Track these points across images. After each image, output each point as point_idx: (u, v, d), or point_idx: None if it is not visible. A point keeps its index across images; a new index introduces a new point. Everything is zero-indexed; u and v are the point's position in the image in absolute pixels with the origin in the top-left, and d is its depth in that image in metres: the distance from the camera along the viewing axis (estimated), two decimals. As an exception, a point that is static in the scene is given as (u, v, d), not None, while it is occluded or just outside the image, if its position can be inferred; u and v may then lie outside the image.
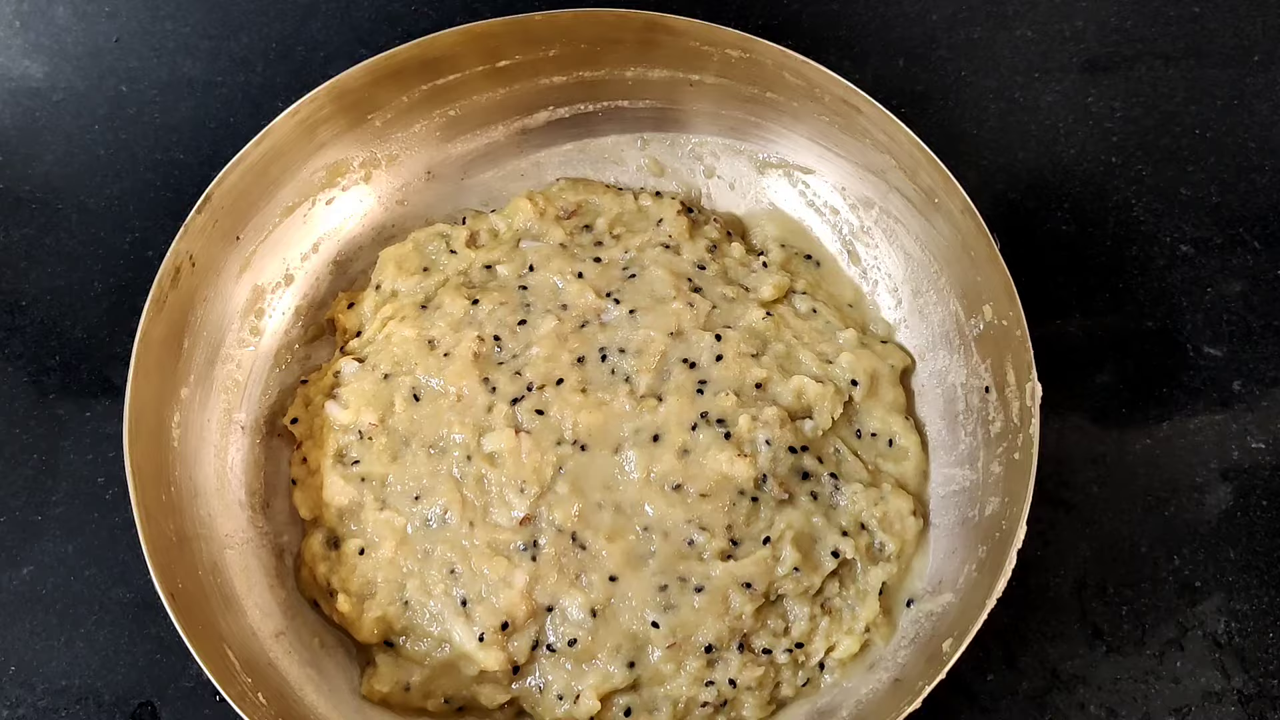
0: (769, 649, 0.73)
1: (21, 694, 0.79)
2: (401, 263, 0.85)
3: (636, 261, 0.83)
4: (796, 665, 0.74)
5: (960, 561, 0.73)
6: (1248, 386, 0.87)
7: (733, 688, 0.72)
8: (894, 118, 0.76)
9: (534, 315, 0.81)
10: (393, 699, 0.74)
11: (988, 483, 0.74)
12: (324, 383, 0.81)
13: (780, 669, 0.73)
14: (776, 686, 0.73)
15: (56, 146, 0.94)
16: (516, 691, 0.73)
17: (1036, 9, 0.98)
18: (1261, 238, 0.91)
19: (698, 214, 0.88)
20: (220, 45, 0.96)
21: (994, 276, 0.74)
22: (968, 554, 0.73)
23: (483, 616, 0.72)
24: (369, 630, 0.74)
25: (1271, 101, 0.95)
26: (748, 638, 0.73)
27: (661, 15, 0.79)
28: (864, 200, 0.85)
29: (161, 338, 0.75)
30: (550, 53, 0.84)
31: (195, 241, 0.76)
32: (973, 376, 0.78)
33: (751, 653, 0.73)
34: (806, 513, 0.75)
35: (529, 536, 0.73)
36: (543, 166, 0.90)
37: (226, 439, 0.79)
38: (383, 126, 0.85)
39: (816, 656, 0.74)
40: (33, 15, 0.97)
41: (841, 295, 0.86)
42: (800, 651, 0.74)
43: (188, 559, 0.72)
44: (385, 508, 0.76)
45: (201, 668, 0.64)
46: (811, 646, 0.74)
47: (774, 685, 0.73)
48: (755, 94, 0.84)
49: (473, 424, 0.76)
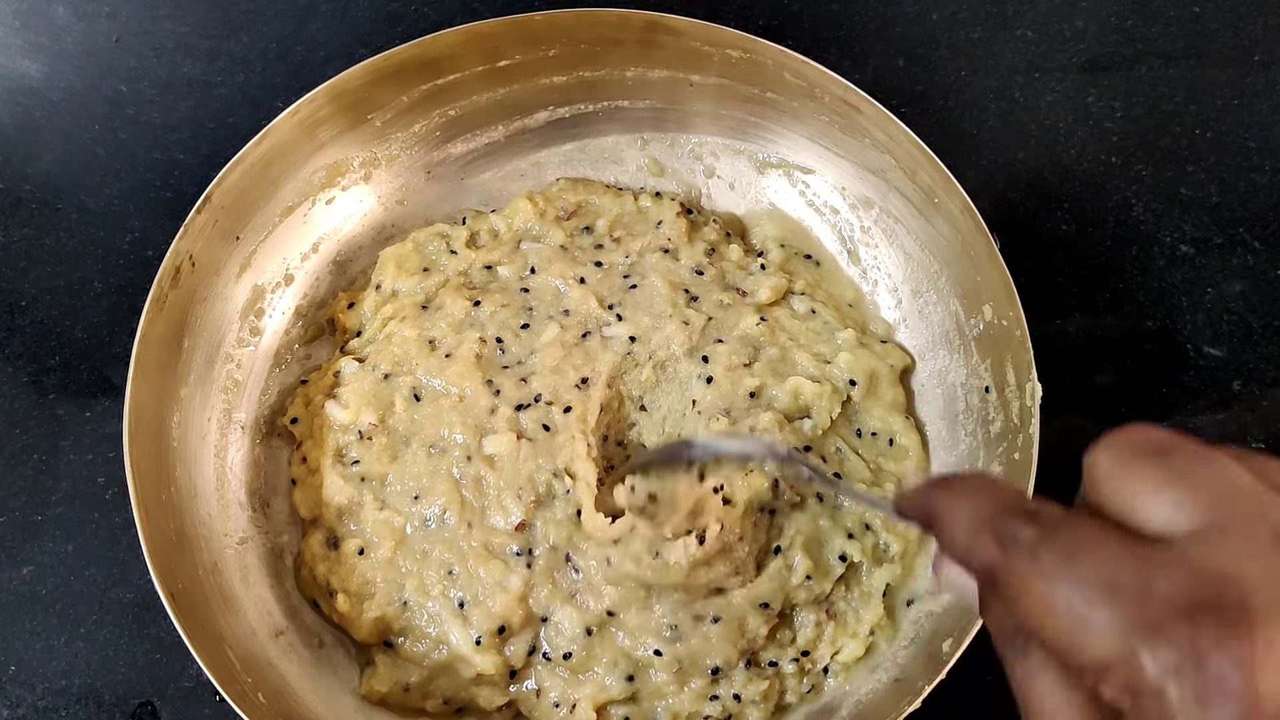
0: (775, 661, 0.73)
1: (21, 694, 0.79)
2: (402, 263, 0.85)
3: (637, 269, 0.83)
4: (802, 673, 0.73)
5: None
6: (1248, 386, 0.87)
7: (737, 702, 0.71)
8: (894, 118, 0.76)
9: (536, 320, 0.81)
10: (391, 699, 0.73)
11: (987, 484, 0.74)
12: (324, 382, 0.81)
13: (785, 678, 0.73)
14: (782, 695, 0.73)
15: (55, 146, 0.94)
16: (514, 695, 0.73)
17: (1036, 9, 0.98)
18: (1261, 238, 0.91)
19: (697, 215, 0.88)
20: (220, 45, 0.96)
21: (994, 276, 0.74)
22: None
23: (480, 620, 0.72)
24: (368, 630, 0.74)
25: (1271, 101, 0.95)
26: (756, 654, 0.72)
27: (662, 15, 0.79)
28: (864, 200, 0.85)
29: (161, 337, 0.75)
30: (550, 53, 0.83)
31: (195, 241, 0.76)
32: (973, 376, 0.78)
33: (758, 667, 0.72)
34: (814, 515, 0.75)
35: (524, 543, 0.73)
36: (543, 166, 0.90)
37: (226, 439, 0.79)
38: (382, 126, 0.85)
39: (822, 663, 0.74)
40: (32, 15, 0.97)
41: (841, 295, 0.86)
42: (806, 660, 0.73)
43: (188, 559, 0.72)
44: (385, 508, 0.76)
45: (201, 668, 0.64)
46: (817, 653, 0.73)
47: (779, 695, 0.73)
48: (755, 94, 0.84)
49: (474, 425, 0.76)
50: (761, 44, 0.79)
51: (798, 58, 0.78)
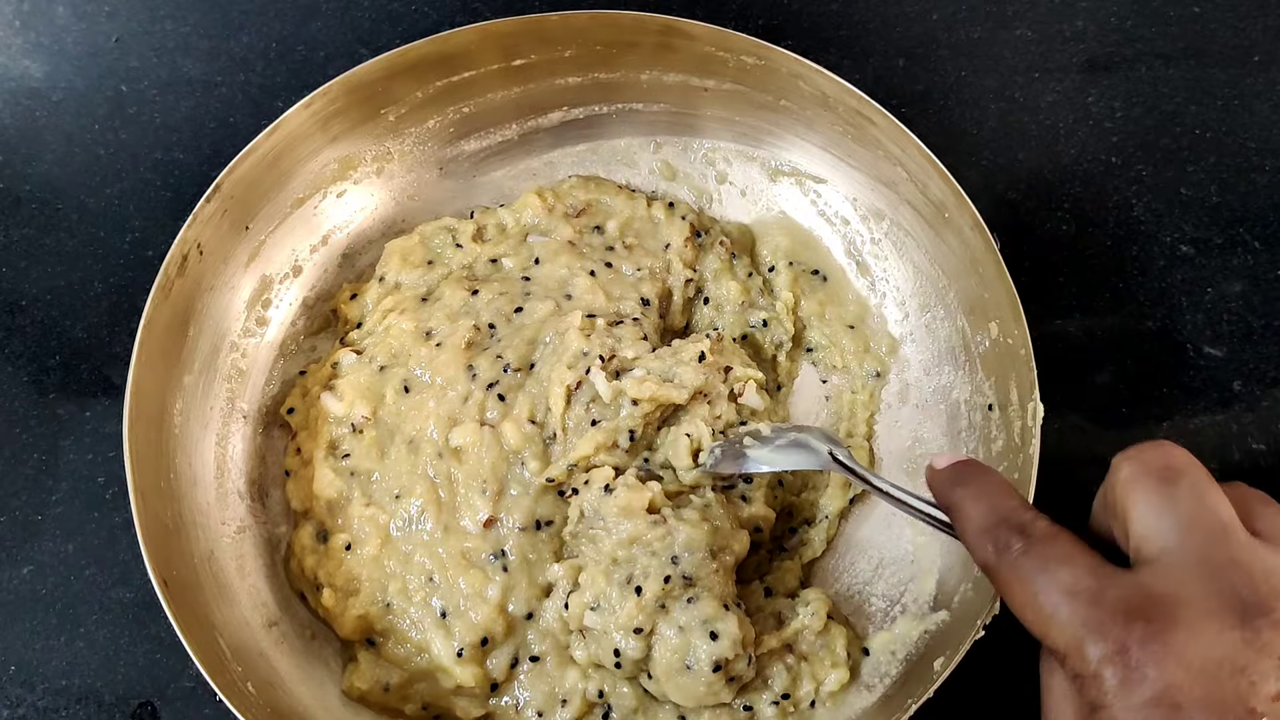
0: (750, 705, 0.71)
1: (21, 694, 0.79)
2: (406, 255, 0.84)
3: (636, 289, 0.82)
4: (785, 715, 0.71)
5: (957, 580, 0.73)
6: (1248, 386, 0.87)
7: None
8: (907, 130, 0.75)
9: (532, 302, 0.80)
10: (372, 698, 0.73)
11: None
12: (322, 374, 0.80)
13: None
14: None
15: (56, 146, 0.94)
16: (493, 708, 0.73)
17: (1036, 9, 0.98)
18: (1261, 238, 0.91)
19: (705, 237, 0.87)
20: (220, 45, 0.96)
21: (1001, 294, 0.74)
22: (964, 572, 0.72)
23: (462, 632, 0.71)
24: (351, 627, 0.73)
25: (1271, 101, 0.95)
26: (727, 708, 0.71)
27: (677, 19, 0.79)
28: (875, 212, 0.85)
29: (166, 324, 0.74)
30: (566, 53, 0.83)
31: (204, 230, 0.76)
32: (976, 394, 0.78)
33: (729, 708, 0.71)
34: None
35: (496, 544, 0.73)
36: (555, 166, 0.90)
37: (229, 428, 0.79)
38: (396, 121, 0.85)
39: (807, 700, 0.72)
40: (33, 15, 0.97)
41: (844, 316, 0.85)
42: (788, 702, 0.71)
43: (184, 546, 0.72)
44: (371, 504, 0.75)
45: (193, 658, 0.64)
46: (799, 694, 0.72)
47: None
48: (769, 101, 0.83)
49: (447, 415, 0.76)
50: (776, 51, 0.78)
51: (812, 66, 0.78)
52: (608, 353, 0.76)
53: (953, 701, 0.65)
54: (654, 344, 0.79)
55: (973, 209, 0.74)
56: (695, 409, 0.75)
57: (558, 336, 0.77)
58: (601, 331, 0.77)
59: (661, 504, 0.71)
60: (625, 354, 0.76)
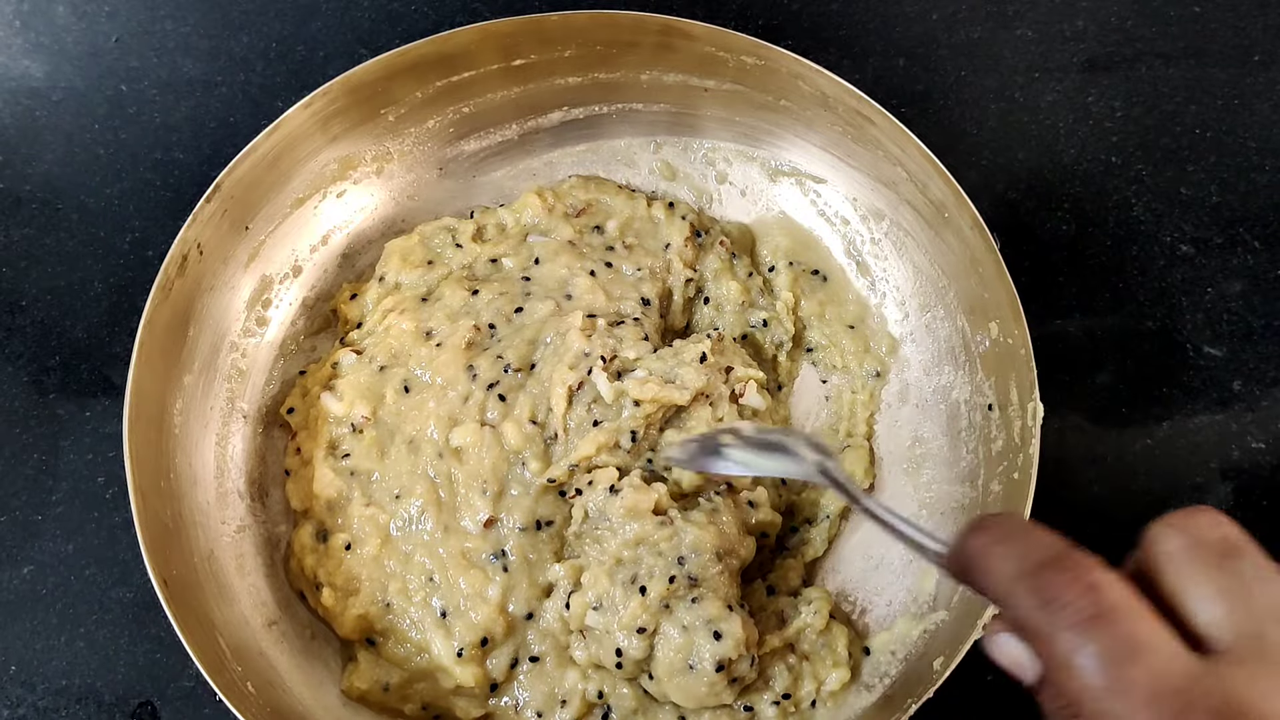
0: (750, 706, 0.71)
1: (21, 694, 0.79)
2: (406, 255, 0.84)
3: (637, 289, 0.82)
4: (786, 715, 0.71)
5: None
6: (1248, 386, 0.87)
7: None
8: (907, 131, 0.76)
9: (532, 301, 0.80)
10: (371, 697, 0.73)
11: (987, 501, 0.74)
12: (321, 374, 0.80)
13: None
14: None
15: (56, 146, 0.94)
16: (492, 708, 0.73)
17: (1036, 9, 0.98)
18: (1261, 238, 0.91)
19: (705, 237, 0.87)
20: (220, 45, 0.96)
21: (1000, 293, 0.74)
22: None
23: (462, 632, 0.71)
24: (350, 626, 0.73)
25: (1271, 101, 0.95)
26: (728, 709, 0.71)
27: (677, 20, 0.79)
28: (875, 212, 0.85)
29: (166, 324, 0.75)
30: (566, 53, 0.83)
31: (204, 230, 0.76)
32: (976, 394, 0.78)
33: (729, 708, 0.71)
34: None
35: (496, 544, 0.73)
36: (555, 166, 0.90)
37: (229, 427, 0.79)
38: (396, 121, 0.85)
39: (808, 700, 0.72)
40: (33, 15, 0.97)
41: (844, 317, 0.85)
42: (788, 702, 0.71)
43: (184, 545, 0.72)
44: (371, 504, 0.75)
45: (193, 658, 0.64)
46: (800, 694, 0.72)
47: None
48: (769, 101, 0.83)
49: (447, 415, 0.76)
50: (776, 51, 0.78)
51: (812, 66, 0.78)
52: (609, 353, 0.76)
53: (953, 701, 0.65)
54: (655, 344, 0.79)
55: (973, 209, 0.74)
56: (697, 410, 0.75)
57: (558, 337, 0.77)
58: (603, 332, 0.77)
59: (667, 505, 0.71)
60: (627, 354, 0.76)
